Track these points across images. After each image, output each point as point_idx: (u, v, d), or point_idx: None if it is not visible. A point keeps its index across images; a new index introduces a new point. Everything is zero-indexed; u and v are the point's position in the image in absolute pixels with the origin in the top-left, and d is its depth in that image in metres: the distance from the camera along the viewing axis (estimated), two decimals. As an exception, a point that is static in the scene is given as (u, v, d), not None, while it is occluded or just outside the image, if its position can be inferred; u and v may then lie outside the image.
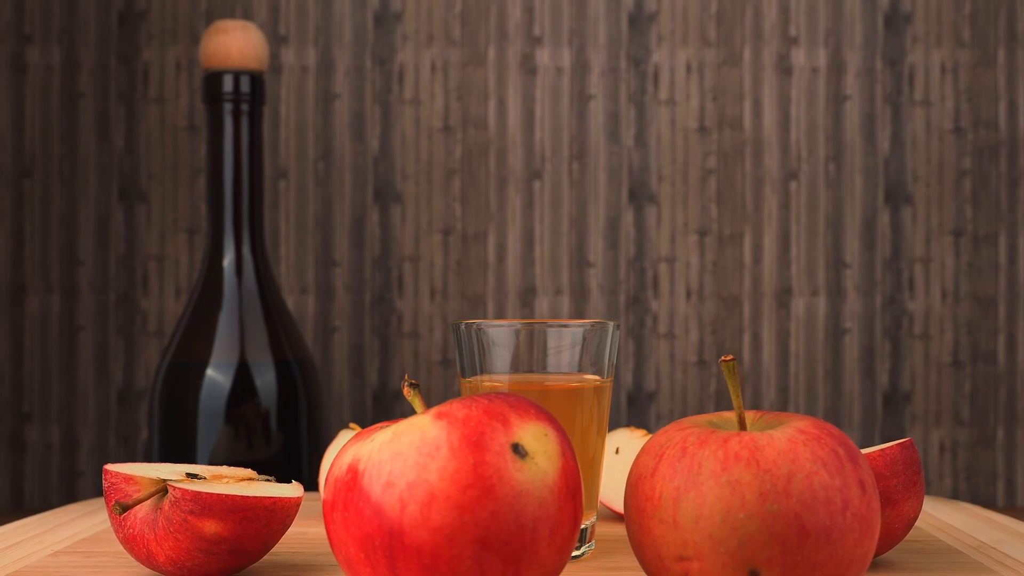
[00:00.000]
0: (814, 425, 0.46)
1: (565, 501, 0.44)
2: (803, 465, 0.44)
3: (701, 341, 1.02)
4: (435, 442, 0.43)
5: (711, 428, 0.47)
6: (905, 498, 0.55)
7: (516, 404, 0.45)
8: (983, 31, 1.01)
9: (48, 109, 1.01)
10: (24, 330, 1.01)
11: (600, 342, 0.57)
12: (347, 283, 1.01)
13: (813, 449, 0.45)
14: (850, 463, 0.45)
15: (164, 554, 0.53)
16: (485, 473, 0.42)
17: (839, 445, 0.45)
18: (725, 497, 0.43)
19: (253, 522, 0.54)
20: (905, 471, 0.55)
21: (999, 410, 1.02)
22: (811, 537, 0.43)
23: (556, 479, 0.44)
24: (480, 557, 0.42)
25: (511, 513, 0.42)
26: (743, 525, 0.43)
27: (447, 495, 0.42)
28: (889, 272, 1.02)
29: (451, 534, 0.42)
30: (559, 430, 0.46)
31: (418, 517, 0.42)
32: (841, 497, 0.44)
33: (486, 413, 0.44)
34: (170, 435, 0.82)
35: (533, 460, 0.43)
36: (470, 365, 0.58)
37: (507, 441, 0.43)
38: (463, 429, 0.43)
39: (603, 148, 1.02)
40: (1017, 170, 1.02)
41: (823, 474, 0.44)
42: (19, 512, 0.99)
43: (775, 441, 0.45)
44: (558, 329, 0.57)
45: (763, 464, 0.44)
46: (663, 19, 1.02)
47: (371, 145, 1.01)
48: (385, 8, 1.01)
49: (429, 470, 0.42)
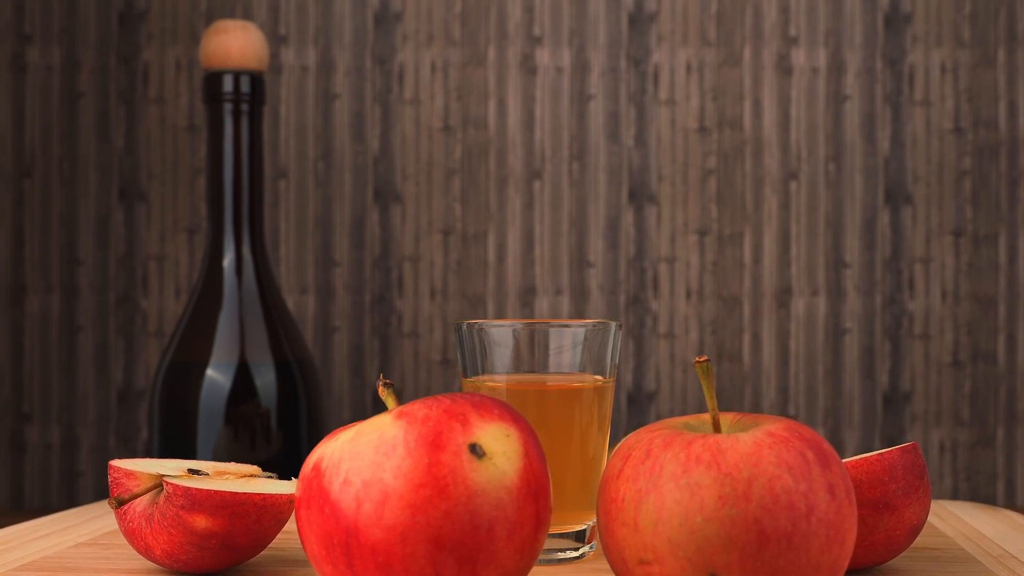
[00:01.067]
0: (786, 428, 0.45)
1: (526, 502, 0.44)
2: (765, 468, 0.43)
3: (701, 341, 1.02)
4: (392, 441, 0.43)
5: (680, 431, 0.46)
6: (906, 504, 0.54)
7: (480, 404, 0.45)
8: (983, 31, 1.01)
9: (48, 109, 1.01)
10: (24, 330, 1.01)
11: (602, 342, 0.57)
12: (347, 283, 1.01)
13: (778, 452, 0.43)
14: (819, 467, 0.44)
15: (160, 547, 0.55)
16: (439, 473, 0.42)
17: (809, 449, 0.44)
18: (684, 500, 0.43)
19: (243, 518, 0.54)
20: (906, 476, 0.54)
21: (999, 410, 1.02)
22: (771, 542, 0.42)
23: (516, 480, 0.44)
24: (434, 556, 0.42)
25: (465, 513, 0.42)
26: (701, 529, 0.42)
27: (400, 494, 0.42)
28: (889, 272, 1.02)
29: (404, 533, 0.42)
30: (525, 431, 0.46)
31: (373, 515, 0.42)
32: (806, 502, 0.43)
33: (446, 413, 0.44)
34: (170, 435, 0.82)
35: (491, 460, 0.43)
36: (472, 365, 0.58)
37: (465, 441, 0.43)
38: (420, 429, 0.43)
39: (603, 148, 1.02)
40: (1017, 170, 1.02)
41: (786, 478, 0.43)
42: (19, 512, 0.99)
43: (739, 444, 0.44)
44: (560, 329, 0.57)
45: (724, 467, 0.43)
46: (663, 19, 1.02)
47: (371, 145, 1.01)
48: (385, 8, 1.01)
49: (384, 469, 0.43)
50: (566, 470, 0.58)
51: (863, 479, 0.53)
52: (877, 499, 0.53)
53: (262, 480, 0.58)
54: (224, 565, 0.56)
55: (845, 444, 1.01)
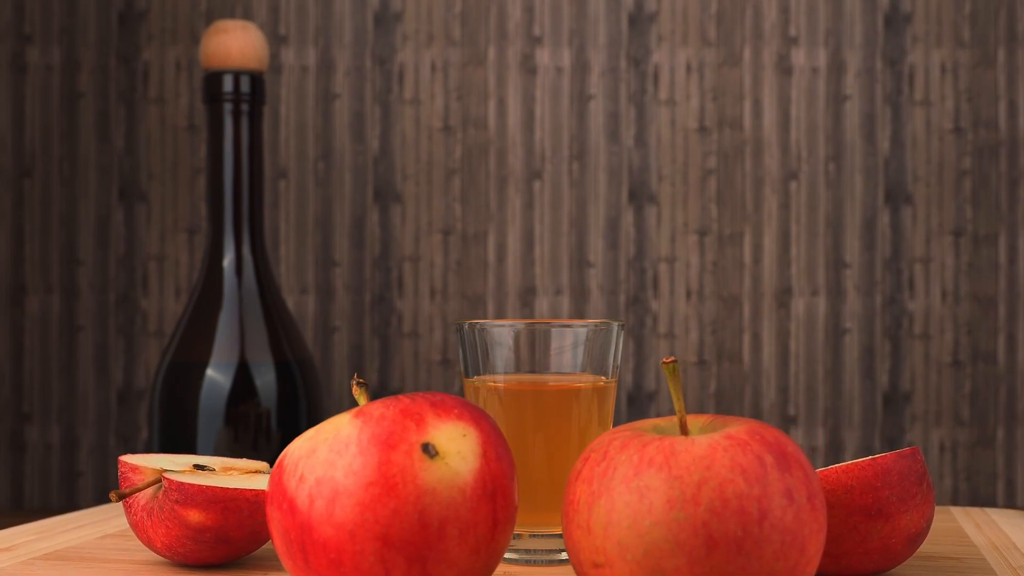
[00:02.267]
0: (748, 431, 0.44)
1: (481, 502, 0.44)
2: (717, 472, 0.42)
3: (701, 341, 1.02)
4: (346, 440, 0.44)
5: (642, 432, 0.45)
6: (901, 511, 0.52)
7: (439, 404, 0.45)
8: (983, 31, 1.02)
9: (48, 109, 1.01)
10: (24, 330, 1.01)
11: (604, 342, 0.57)
12: (347, 283, 1.01)
13: (733, 456, 0.42)
14: (777, 471, 0.42)
15: (160, 540, 0.56)
16: (389, 471, 0.43)
17: (768, 452, 0.43)
18: (633, 503, 0.42)
19: (235, 513, 0.55)
20: (901, 482, 0.52)
21: (999, 410, 1.02)
22: (720, 547, 0.41)
23: (470, 480, 0.44)
24: (383, 554, 0.42)
25: (414, 512, 0.42)
26: (648, 532, 0.41)
27: (350, 492, 0.43)
28: (889, 272, 1.02)
29: (353, 531, 0.42)
30: (486, 432, 0.46)
31: (324, 513, 0.43)
32: (758, 507, 0.41)
33: (402, 412, 0.44)
34: (170, 435, 0.82)
35: (444, 460, 0.43)
36: (473, 365, 0.58)
37: (418, 440, 0.43)
38: (374, 428, 0.44)
39: (603, 148, 1.02)
40: (1017, 170, 1.02)
41: (739, 482, 0.42)
42: (19, 512, 0.99)
43: (694, 447, 0.43)
44: (562, 329, 0.57)
45: (675, 470, 0.42)
46: (663, 19, 1.02)
47: (371, 145, 1.01)
48: (385, 8, 1.01)
49: (336, 467, 0.43)
50: (567, 471, 0.59)
51: (854, 484, 0.52)
52: (869, 505, 0.52)
53: (263, 476, 0.59)
54: (223, 558, 0.57)
55: (845, 444, 1.01)
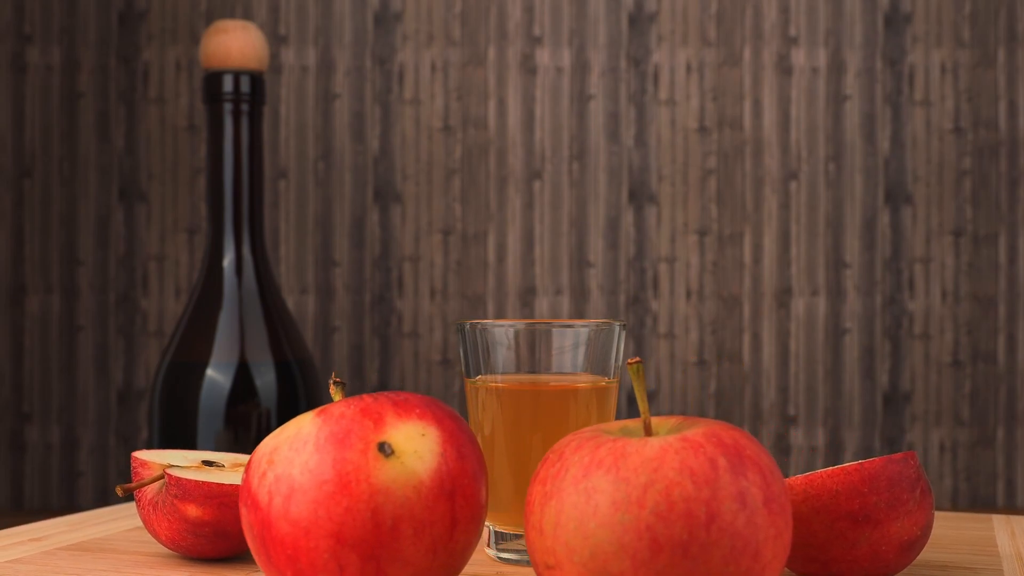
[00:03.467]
0: (706, 433, 0.43)
1: (438, 501, 0.44)
2: (665, 474, 0.41)
3: (701, 341, 1.02)
4: (305, 438, 0.44)
5: (600, 434, 0.44)
6: (891, 518, 0.51)
7: (401, 404, 0.46)
8: (983, 31, 1.02)
9: (48, 109, 1.01)
10: (24, 330, 1.01)
11: (606, 342, 0.57)
12: (347, 283, 1.01)
13: (684, 458, 0.41)
14: (730, 475, 0.41)
15: (164, 533, 0.57)
16: (343, 470, 0.43)
17: (723, 455, 0.42)
18: (580, 505, 0.41)
19: (232, 508, 0.56)
20: (890, 488, 0.51)
21: (999, 410, 1.02)
22: (664, 551, 0.40)
23: (426, 479, 0.44)
24: (336, 551, 0.43)
25: (367, 510, 0.43)
26: (594, 534, 0.41)
27: (305, 489, 0.43)
28: (889, 272, 1.02)
29: (308, 528, 0.43)
30: (449, 431, 0.46)
31: (281, 509, 0.43)
32: (706, 510, 0.40)
33: (361, 411, 0.45)
34: (170, 435, 0.82)
35: (399, 459, 0.44)
36: (474, 365, 0.58)
37: (374, 439, 0.44)
38: (332, 427, 0.44)
39: (603, 148, 1.02)
40: (1017, 170, 1.02)
41: (687, 485, 0.41)
42: (19, 512, 0.98)
43: (646, 448, 0.42)
44: (563, 330, 0.57)
45: (622, 472, 0.41)
46: (663, 19, 1.02)
47: (371, 145, 1.01)
48: (385, 8, 1.01)
49: (294, 464, 0.44)
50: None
51: (839, 490, 0.51)
52: (856, 511, 0.50)
53: None
54: (224, 552, 0.58)
55: (845, 444, 1.01)
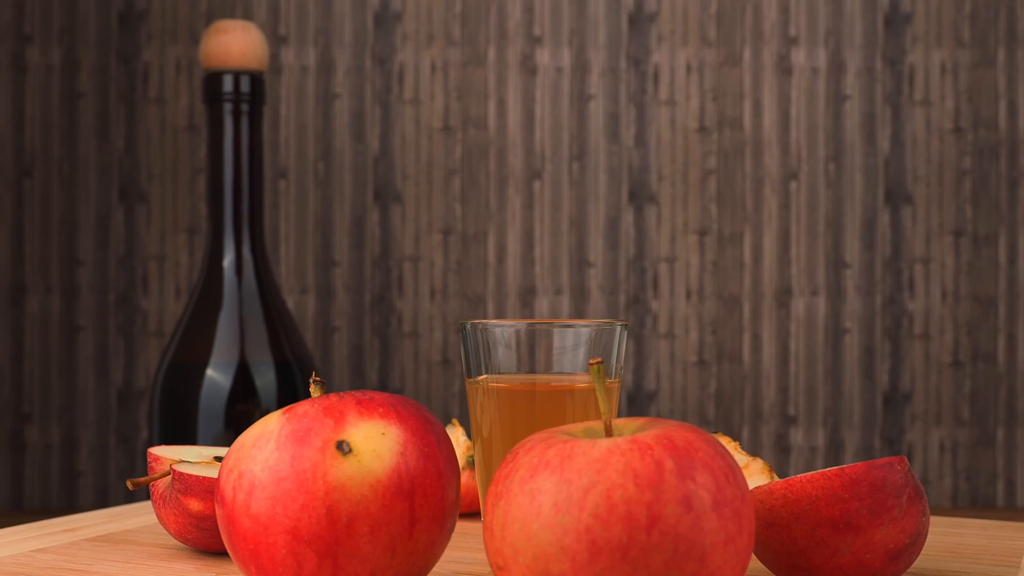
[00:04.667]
0: (658, 435, 0.42)
1: (395, 500, 0.44)
2: (608, 476, 0.40)
3: (701, 341, 1.02)
4: (268, 436, 0.45)
5: (556, 435, 0.44)
6: (874, 525, 0.49)
7: (365, 403, 0.46)
8: (983, 31, 1.02)
9: (48, 109, 1.01)
10: (24, 330, 1.01)
11: (607, 343, 0.57)
12: (347, 283, 1.01)
13: (629, 460, 0.41)
14: (676, 478, 0.40)
15: (172, 527, 0.58)
16: (300, 467, 0.44)
17: (671, 457, 0.41)
18: (525, 505, 0.41)
19: None
20: (873, 494, 0.49)
21: (999, 410, 1.02)
22: (603, 554, 0.40)
23: (383, 477, 0.44)
24: (293, 547, 0.44)
25: (322, 507, 0.43)
26: (536, 536, 0.41)
27: (264, 486, 0.44)
28: (889, 272, 1.02)
29: (266, 524, 0.44)
30: (411, 431, 0.46)
31: (243, 505, 0.44)
32: (647, 513, 0.40)
33: (324, 410, 0.45)
34: (170, 435, 0.82)
35: (356, 457, 0.44)
36: (475, 365, 0.58)
37: (333, 437, 0.44)
38: (294, 425, 0.45)
39: (603, 148, 1.02)
40: (1017, 170, 1.02)
41: (630, 487, 0.40)
42: (19, 512, 0.98)
43: (592, 450, 0.41)
44: (565, 330, 0.57)
45: (566, 473, 0.41)
46: (663, 19, 1.02)
47: (371, 145, 1.01)
48: (385, 8, 1.01)
49: (256, 461, 0.45)
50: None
51: (819, 495, 0.49)
52: (836, 517, 0.49)
53: None
54: None
55: (845, 444, 1.01)
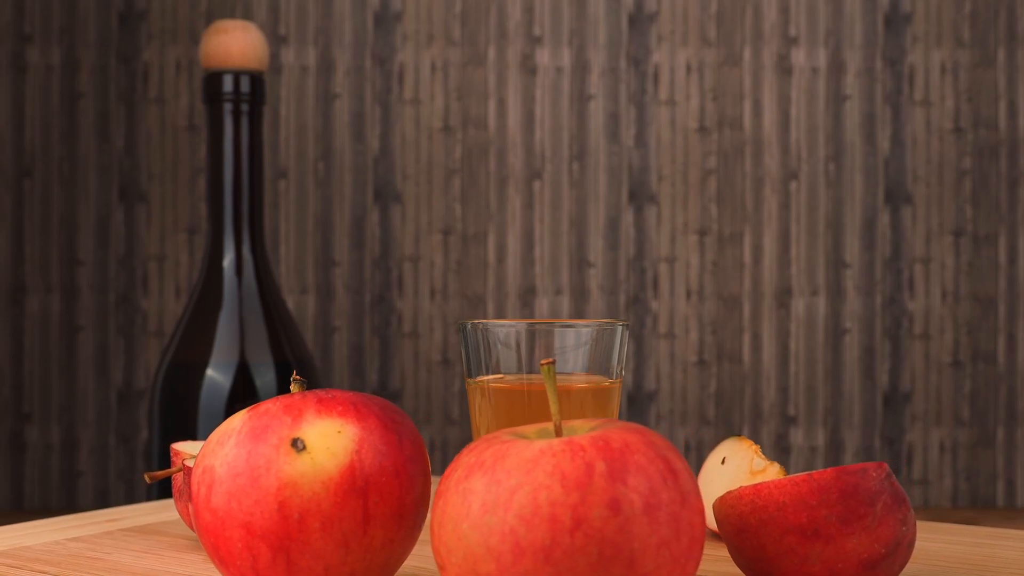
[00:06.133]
0: (594, 437, 0.41)
1: (347, 497, 0.45)
2: (535, 478, 0.40)
3: (701, 341, 1.02)
4: (231, 432, 0.46)
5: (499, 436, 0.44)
6: (845, 534, 0.47)
7: (326, 401, 0.47)
8: (983, 31, 1.02)
9: (48, 109, 1.01)
10: (24, 330, 1.01)
11: (609, 343, 0.57)
12: (347, 283, 1.01)
13: (559, 462, 0.40)
14: (606, 480, 0.40)
15: (187, 518, 0.59)
16: (255, 463, 0.45)
17: (603, 459, 0.40)
18: (457, 505, 0.41)
19: None
20: (843, 501, 0.47)
21: (999, 410, 1.02)
22: (527, 555, 0.40)
23: (336, 475, 0.45)
24: (248, 542, 0.45)
25: (274, 503, 0.44)
26: (466, 536, 0.41)
27: (222, 481, 0.45)
28: (889, 272, 1.02)
29: (224, 518, 0.45)
30: (371, 429, 0.47)
31: (205, 500, 0.46)
32: (572, 516, 0.39)
33: (284, 408, 0.47)
34: (170, 435, 0.82)
35: (310, 455, 0.45)
36: (476, 365, 0.58)
37: (289, 435, 0.45)
38: (254, 422, 0.46)
39: (603, 148, 1.02)
40: (1017, 170, 1.02)
41: (556, 489, 0.40)
42: (19, 512, 0.98)
43: (526, 451, 0.41)
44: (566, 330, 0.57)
45: (496, 474, 0.41)
46: (663, 19, 1.02)
47: (371, 145, 1.01)
48: (385, 8, 1.01)
49: (217, 457, 0.46)
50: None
51: (787, 501, 0.47)
52: (804, 525, 0.47)
53: None
54: None
55: (845, 444, 1.01)
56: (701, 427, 1.01)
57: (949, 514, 0.98)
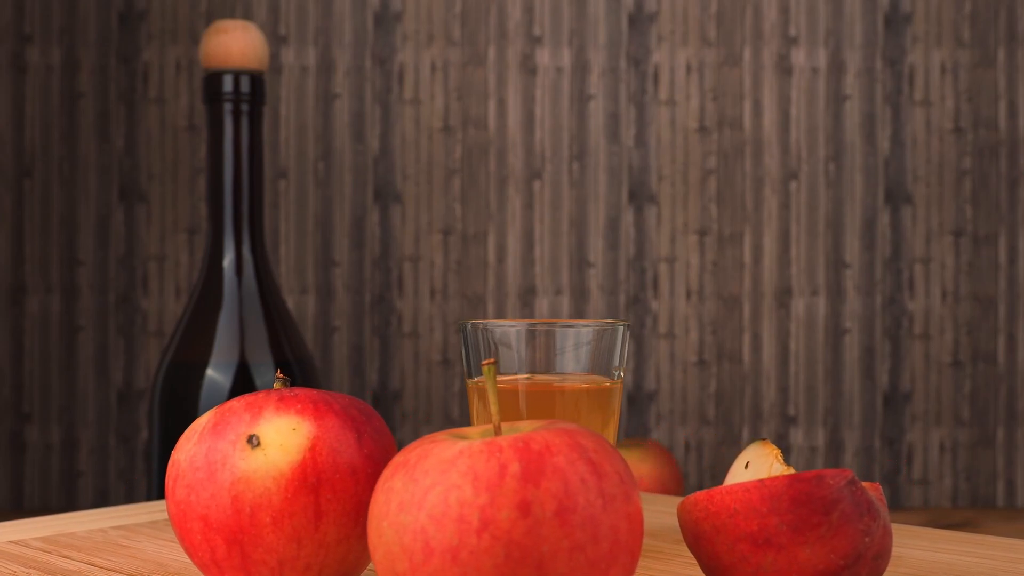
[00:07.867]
0: (515, 438, 0.41)
1: (299, 493, 0.46)
2: (449, 478, 0.40)
3: (701, 341, 1.02)
4: (196, 428, 0.48)
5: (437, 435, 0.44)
6: (797, 543, 0.45)
7: (287, 399, 0.48)
8: (983, 31, 1.02)
9: (48, 109, 1.01)
10: (24, 330, 1.01)
11: (610, 343, 0.57)
12: (347, 283, 1.01)
13: (474, 462, 0.40)
14: (518, 482, 0.40)
15: None
16: (213, 458, 0.47)
17: (518, 461, 0.40)
18: (380, 504, 0.42)
19: None
20: (795, 509, 0.45)
21: (999, 410, 1.02)
22: (435, 555, 0.40)
23: (288, 471, 0.46)
24: (206, 534, 0.47)
25: (228, 497, 0.46)
26: (384, 534, 0.41)
27: (184, 475, 0.47)
28: (889, 272, 1.02)
29: (185, 510, 0.47)
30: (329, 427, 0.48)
31: (171, 492, 0.48)
32: (480, 517, 0.39)
33: (247, 405, 0.48)
34: (170, 435, 0.82)
35: (263, 451, 0.47)
36: (476, 365, 0.58)
37: (246, 431, 0.47)
38: (216, 419, 0.48)
39: (603, 148, 1.02)
40: (1017, 170, 1.02)
41: (466, 489, 0.40)
42: (19, 512, 0.98)
43: (447, 451, 0.41)
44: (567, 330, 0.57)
45: (415, 473, 0.41)
46: (663, 19, 1.02)
47: (371, 145, 1.01)
48: (385, 8, 1.01)
49: (182, 451, 0.48)
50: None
51: (737, 508, 0.46)
52: (755, 533, 0.45)
53: None
54: None
55: (845, 444, 1.01)
56: (701, 427, 1.01)
57: (949, 514, 0.98)
